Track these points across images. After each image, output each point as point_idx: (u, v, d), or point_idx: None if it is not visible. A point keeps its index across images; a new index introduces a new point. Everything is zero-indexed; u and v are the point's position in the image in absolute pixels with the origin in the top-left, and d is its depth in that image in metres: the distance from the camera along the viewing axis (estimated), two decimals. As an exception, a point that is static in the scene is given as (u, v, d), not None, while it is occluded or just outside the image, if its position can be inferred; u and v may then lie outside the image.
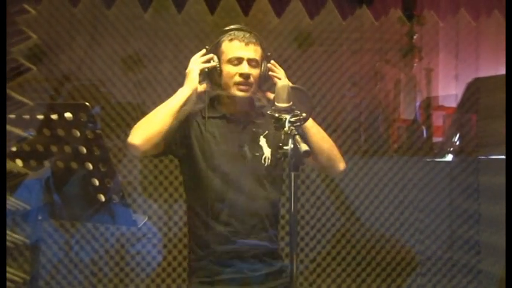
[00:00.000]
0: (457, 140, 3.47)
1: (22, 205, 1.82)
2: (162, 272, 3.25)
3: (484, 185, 3.28)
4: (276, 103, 1.73)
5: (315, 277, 3.31)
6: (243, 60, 2.00)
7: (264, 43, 2.07)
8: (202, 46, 2.07)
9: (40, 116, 1.83)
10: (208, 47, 2.05)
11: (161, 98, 2.02)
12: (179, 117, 2.01)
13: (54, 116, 1.81)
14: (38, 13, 3.15)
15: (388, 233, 3.34)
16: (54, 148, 1.88)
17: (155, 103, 2.01)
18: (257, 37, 2.05)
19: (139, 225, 2.12)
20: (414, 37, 3.47)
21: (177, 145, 2.04)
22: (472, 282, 3.31)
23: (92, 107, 1.89)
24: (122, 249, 3.22)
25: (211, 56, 2.03)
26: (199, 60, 2.03)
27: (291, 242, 1.59)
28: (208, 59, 2.03)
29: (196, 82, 2.00)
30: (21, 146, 1.89)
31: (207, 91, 2.07)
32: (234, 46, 2.00)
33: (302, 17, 3.36)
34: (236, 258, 2.02)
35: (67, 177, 1.91)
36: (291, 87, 1.77)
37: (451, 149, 3.48)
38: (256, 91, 2.06)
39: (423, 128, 3.46)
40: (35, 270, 2.12)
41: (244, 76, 1.99)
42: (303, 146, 1.54)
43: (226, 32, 2.04)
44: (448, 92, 3.56)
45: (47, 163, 1.92)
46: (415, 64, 3.52)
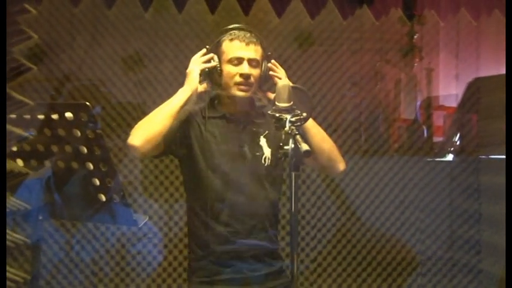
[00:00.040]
0: (458, 140, 3.47)
1: (23, 205, 1.82)
2: (163, 272, 3.25)
3: (485, 185, 3.28)
4: (277, 103, 1.72)
5: (316, 277, 3.31)
6: (244, 60, 1.99)
7: (265, 43, 2.07)
8: (202, 46, 2.06)
9: (41, 116, 1.83)
10: (208, 47, 2.05)
11: (162, 98, 2.02)
12: (179, 117, 2.00)
13: (54, 116, 1.81)
14: (39, 13, 3.15)
15: (389, 233, 3.33)
16: (54, 148, 1.88)
17: (156, 103, 2.01)
18: (257, 37, 2.04)
19: (140, 225, 2.12)
20: (415, 37, 3.47)
21: (177, 145, 2.03)
22: (473, 282, 3.31)
23: (93, 107, 1.89)
24: (123, 249, 3.22)
25: (211, 56, 2.02)
26: (199, 60, 2.02)
27: (292, 242, 1.59)
28: (208, 59, 2.02)
29: (196, 82, 2.00)
30: (21, 146, 1.89)
31: (207, 91, 2.07)
32: (235, 46, 1.99)
33: (303, 17, 3.36)
34: (236, 258, 2.02)
35: (68, 177, 1.91)
36: (292, 87, 1.76)
37: (452, 149, 3.48)
38: (256, 91, 2.06)
39: (424, 128, 3.46)
40: (36, 270, 2.12)
41: (244, 76, 1.99)
42: (304, 146, 1.53)
43: (226, 32, 2.03)
44: (449, 92, 3.55)
45: (48, 163, 1.92)
46: (416, 64, 3.52)
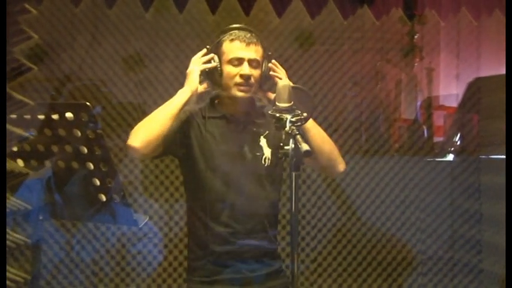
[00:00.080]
0: (458, 140, 3.47)
1: (23, 205, 1.82)
2: (163, 272, 3.25)
3: (485, 185, 3.28)
4: (277, 103, 1.72)
5: (316, 277, 3.31)
6: (244, 60, 1.98)
7: (265, 43, 2.06)
8: (203, 46, 2.06)
9: (41, 116, 1.83)
10: (209, 47, 2.04)
11: (162, 98, 2.02)
12: (179, 118, 2.00)
13: (55, 116, 1.81)
14: (39, 13, 3.15)
15: (390, 233, 3.33)
16: (55, 148, 1.88)
17: (156, 103, 2.01)
18: (258, 37, 2.03)
19: (140, 225, 2.12)
20: (415, 37, 3.47)
21: (177, 145, 2.03)
22: (473, 281, 3.31)
23: (93, 107, 1.89)
24: (123, 249, 3.22)
25: (211, 56, 2.02)
26: (199, 60, 2.02)
27: (292, 242, 1.59)
28: (208, 59, 2.01)
29: (196, 83, 1.99)
30: (22, 146, 1.89)
31: (208, 91, 2.07)
32: (235, 46, 1.98)
33: (303, 17, 3.36)
34: (235, 258, 2.02)
35: (68, 177, 1.91)
36: (292, 87, 1.76)
37: (452, 149, 3.48)
38: (257, 91, 2.05)
39: (424, 128, 3.46)
40: (36, 270, 2.12)
41: (244, 77, 1.98)
42: (304, 146, 1.53)
43: (227, 32, 2.02)
44: (449, 92, 3.55)
45: (48, 163, 1.93)
46: (416, 64, 3.52)
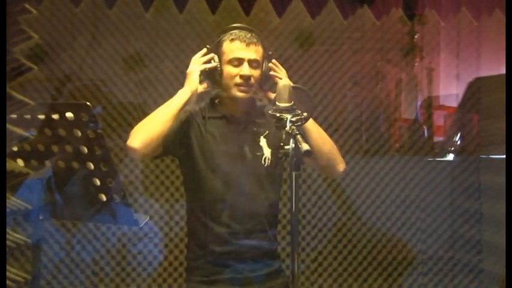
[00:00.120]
0: (458, 140, 3.47)
1: (23, 205, 1.82)
2: (164, 272, 3.25)
3: (486, 184, 3.28)
4: (277, 103, 1.72)
5: (317, 276, 3.31)
6: (244, 61, 1.97)
7: (265, 42, 2.06)
8: (203, 46, 2.06)
9: (41, 116, 1.83)
10: (209, 47, 2.04)
11: (162, 98, 2.02)
12: (179, 118, 2.00)
13: (55, 116, 1.81)
14: (40, 13, 3.15)
15: (390, 233, 3.33)
16: (55, 148, 1.88)
17: (156, 103, 2.01)
18: (258, 37, 2.03)
19: (140, 224, 2.12)
20: (415, 36, 3.47)
21: (177, 145, 2.02)
22: (474, 281, 3.31)
23: (93, 107, 1.89)
24: (124, 248, 3.22)
25: (211, 56, 2.01)
26: (199, 60, 2.01)
27: (293, 242, 1.59)
28: (209, 59, 2.01)
29: (196, 83, 1.99)
30: (22, 146, 1.89)
31: (208, 91, 2.07)
32: (235, 47, 1.98)
33: (303, 17, 3.36)
34: (235, 258, 2.01)
35: (68, 177, 1.91)
36: (292, 86, 1.76)
37: (452, 149, 3.48)
38: (257, 91, 2.05)
39: (424, 128, 3.46)
40: (37, 269, 2.12)
41: (244, 77, 1.97)
42: (304, 146, 1.53)
43: (227, 31, 2.02)
44: (449, 92, 3.55)
45: (48, 163, 1.92)
46: (416, 64, 3.52)
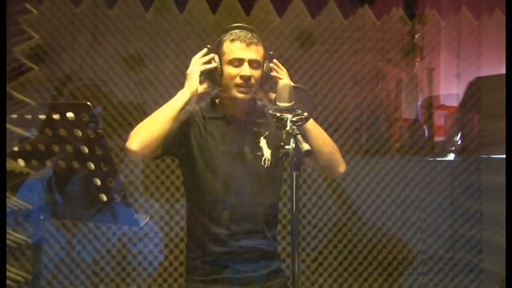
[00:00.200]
0: (459, 139, 3.46)
1: (24, 205, 1.82)
2: (164, 272, 3.25)
3: (486, 184, 3.28)
4: (278, 103, 1.72)
5: (317, 276, 3.31)
6: (244, 61, 1.96)
7: (266, 42, 2.06)
8: (204, 46, 2.05)
9: (42, 116, 1.83)
10: (209, 46, 2.03)
11: (163, 98, 2.02)
12: (179, 119, 1.99)
13: (56, 116, 1.81)
14: (40, 13, 3.16)
15: (390, 232, 3.33)
16: (56, 148, 1.88)
17: (157, 103, 2.01)
18: (259, 37, 2.02)
19: (141, 224, 2.11)
20: (416, 36, 3.46)
21: (176, 146, 2.02)
22: (474, 281, 3.31)
23: (94, 107, 1.89)
24: (124, 248, 3.23)
25: (212, 56, 2.00)
26: (200, 61, 2.01)
27: (293, 242, 1.59)
28: (209, 59, 2.00)
29: (196, 84, 1.98)
30: (23, 146, 1.89)
31: (208, 91, 2.07)
32: (235, 47, 1.97)
33: (304, 17, 3.36)
34: (234, 258, 2.01)
35: (69, 176, 1.91)
36: (293, 86, 1.76)
37: (453, 148, 3.47)
38: (257, 91, 2.04)
39: (425, 127, 3.46)
40: (37, 269, 2.12)
41: (245, 78, 1.96)
42: (305, 146, 1.53)
43: (227, 31, 2.01)
44: (450, 91, 3.55)
45: (49, 163, 1.92)
46: (417, 63, 3.51)
